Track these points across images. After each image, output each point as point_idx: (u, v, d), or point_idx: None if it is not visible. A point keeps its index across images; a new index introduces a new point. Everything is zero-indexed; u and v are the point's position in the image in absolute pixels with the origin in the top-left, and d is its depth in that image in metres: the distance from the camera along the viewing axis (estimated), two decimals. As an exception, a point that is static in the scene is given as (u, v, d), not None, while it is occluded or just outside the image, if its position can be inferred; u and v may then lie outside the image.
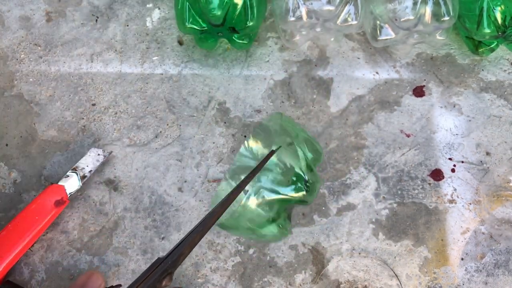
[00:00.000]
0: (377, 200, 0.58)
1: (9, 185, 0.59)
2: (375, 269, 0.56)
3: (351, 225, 0.57)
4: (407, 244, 0.57)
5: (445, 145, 0.60)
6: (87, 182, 0.59)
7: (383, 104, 0.61)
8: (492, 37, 0.57)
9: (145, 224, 0.57)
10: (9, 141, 0.60)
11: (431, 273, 0.56)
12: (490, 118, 0.60)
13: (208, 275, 0.56)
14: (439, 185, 0.58)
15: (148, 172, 0.59)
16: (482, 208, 0.58)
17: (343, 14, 0.56)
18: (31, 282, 0.56)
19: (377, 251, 0.57)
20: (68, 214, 0.58)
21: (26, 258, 0.56)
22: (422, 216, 0.57)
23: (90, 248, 0.57)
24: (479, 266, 0.56)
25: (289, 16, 0.55)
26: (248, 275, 0.56)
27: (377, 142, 0.60)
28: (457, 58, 0.63)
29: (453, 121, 0.60)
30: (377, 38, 0.59)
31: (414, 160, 0.59)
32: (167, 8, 0.65)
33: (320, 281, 0.56)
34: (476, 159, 0.59)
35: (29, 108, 0.61)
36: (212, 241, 0.57)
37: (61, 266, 0.56)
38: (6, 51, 0.63)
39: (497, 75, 0.62)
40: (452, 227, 0.57)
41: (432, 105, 0.61)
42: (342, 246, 0.57)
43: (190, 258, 0.56)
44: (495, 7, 0.55)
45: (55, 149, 0.60)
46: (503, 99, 0.61)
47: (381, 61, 0.62)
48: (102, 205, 0.58)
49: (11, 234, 0.53)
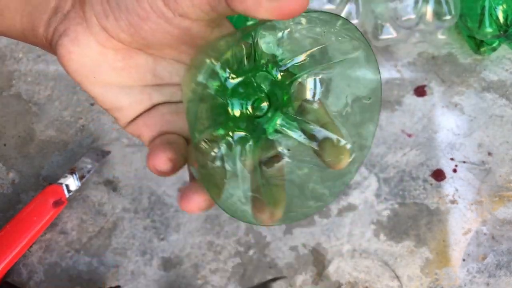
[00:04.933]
0: (378, 201, 0.58)
1: (7, 185, 0.59)
2: (376, 270, 0.56)
3: (352, 225, 0.57)
4: (408, 245, 0.56)
5: (446, 145, 0.59)
6: (86, 183, 0.58)
7: (385, 104, 0.60)
8: (494, 36, 0.57)
9: (144, 225, 0.57)
10: (7, 141, 0.60)
11: (433, 274, 0.56)
12: (492, 118, 0.60)
13: (208, 276, 0.56)
14: (440, 185, 0.58)
15: (147, 172, 0.59)
16: (484, 209, 0.57)
17: (344, 13, 0.56)
18: (29, 283, 0.55)
19: (378, 252, 0.56)
20: (66, 215, 0.57)
21: (24, 259, 0.56)
22: (424, 216, 0.57)
23: (89, 249, 0.56)
24: (481, 267, 0.56)
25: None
26: (248, 276, 0.56)
27: (378, 142, 0.59)
28: (459, 57, 0.62)
29: (455, 121, 0.60)
30: (378, 37, 0.58)
31: (415, 160, 0.59)
32: (166, 7, 0.65)
33: (320, 282, 0.55)
34: (478, 159, 0.59)
35: (28, 107, 0.61)
36: (212, 242, 0.56)
37: (59, 267, 0.56)
38: (4, 50, 0.63)
39: (499, 74, 0.62)
40: (453, 227, 0.57)
41: (434, 104, 0.61)
42: (343, 247, 0.56)
43: (189, 259, 0.56)
44: (496, 6, 0.55)
45: (54, 149, 0.60)
46: (505, 98, 0.61)
47: (382, 60, 0.62)
48: (101, 206, 0.58)
49: (9, 234, 0.53)
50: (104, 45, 0.25)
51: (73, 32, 0.25)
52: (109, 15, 0.24)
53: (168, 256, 0.56)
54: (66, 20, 0.25)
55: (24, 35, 0.28)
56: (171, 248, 0.56)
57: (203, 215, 0.57)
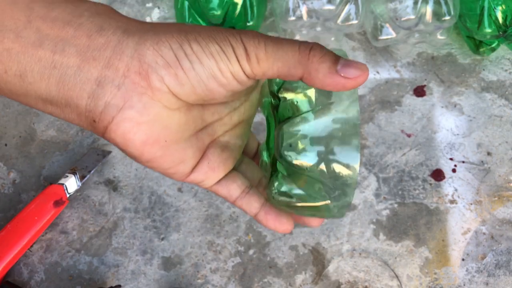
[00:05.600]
0: (377, 201, 0.58)
1: (8, 185, 0.59)
2: (376, 269, 0.56)
3: (351, 225, 0.57)
4: (407, 244, 0.56)
5: (446, 145, 0.59)
6: (87, 182, 0.58)
7: (384, 104, 0.61)
8: (493, 37, 0.57)
9: (144, 225, 0.57)
10: (8, 141, 0.60)
11: (432, 274, 0.56)
12: (491, 118, 0.60)
13: (208, 275, 0.56)
14: (440, 185, 0.58)
15: (147, 172, 0.59)
16: (483, 209, 0.58)
17: (344, 14, 0.56)
18: (30, 283, 0.56)
19: (378, 251, 0.56)
20: (67, 215, 0.57)
21: (25, 259, 0.56)
22: (423, 216, 0.57)
23: (89, 248, 0.57)
24: (480, 267, 0.56)
25: (289, 16, 0.55)
26: (248, 275, 0.56)
27: (378, 142, 0.59)
28: (458, 57, 0.63)
29: (454, 121, 0.60)
30: (377, 38, 0.58)
31: (415, 160, 0.59)
32: (166, 8, 0.65)
33: (320, 282, 0.56)
34: (477, 159, 0.59)
35: (28, 108, 0.61)
36: (212, 242, 0.57)
37: (60, 267, 0.56)
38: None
39: (498, 74, 0.62)
40: (453, 227, 0.57)
41: (433, 105, 0.61)
42: (343, 247, 0.56)
43: (189, 259, 0.56)
44: (496, 6, 0.55)
45: (54, 149, 0.60)
46: (504, 98, 0.61)
47: (382, 60, 0.62)
48: (102, 206, 0.58)
49: (10, 234, 0.53)
50: (172, 108, 0.25)
51: (138, 103, 0.24)
52: (184, 83, 0.24)
53: (169, 256, 0.56)
54: (123, 92, 0.24)
55: (52, 105, 0.25)
56: (171, 247, 0.56)
57: (203, 214, 0.58)
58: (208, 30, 0.25)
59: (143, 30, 0.25)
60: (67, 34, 0.24)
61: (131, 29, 0.25)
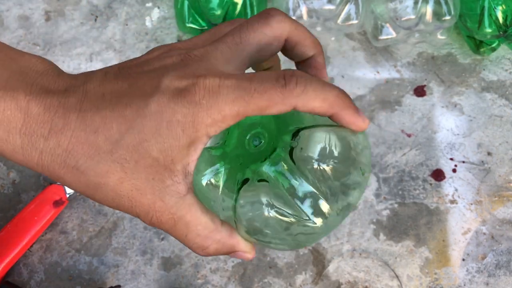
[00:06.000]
0: (378, 201, 0.58)
1: (7, 185, 0.59)
2: (376, 269, 0.56)
3: (351, 225, 0.57)
4: (408, 244, 0.56)
5: (446, 145, 0.59)
6: (86, 182, 0.58)
7: (384, 104, 0.61)
8: (494, 37, 0.57)
9: (144, 225, 0.57)
10: (8, 141, 0.60)
11: (432, 274, 0.56)
12: (491, 118, 0.60)
13: (208, 275, 0.56)
14: (440, 185, 0.58)
15: (147, 172, 0.59)
16: (483, 209, 0.58)
17: (344, 14, 0.56)
18: (30, 283, 0.55)
19: (378, 251, 0.56)
20: (67, 215, 0.57)
21: (25, 259, 0.56)
22: (423, 216, 0.57)
23: (89, 248, 0.56)
24: (480, 267, 0.56)
25: (289, 16, 0.55)
26: (248, 276, 0.56)
27: (378, 142, 0.59)
28: (458, 57, 0.62)
29: (454, 121, 0.60)
30: (378, 38, 0.58)
31: (415, 160, 0.59)
32: (166, 7, 0.65)
33: (320, 282, 0.56)
34: (478, 159, 0.59)
35: (28, 108, 0.61)
36: (212, 242, 0.57)
37: (60, 267, 0.56)
38: (5, 50, 0.63)
39: (499, 74, 0.62)
40: (453, 227, 0.57)
41: (433, 104, 0.61)
42: (343, 247, 0.56)
43: (189, 259, 0.56)
44: (496, 6, 0.55)
45: (54, 149, 0.60)
46: (505, 98, 0.61)
47: (382, 60, 0.62)
48: (101, 206, 0.58)
49: (9, 234, 0.53)
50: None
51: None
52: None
53: (168, 256, 0.56)
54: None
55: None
56: (171, 247, 0.56)
57: (203, 215, 0.58)
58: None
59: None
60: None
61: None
